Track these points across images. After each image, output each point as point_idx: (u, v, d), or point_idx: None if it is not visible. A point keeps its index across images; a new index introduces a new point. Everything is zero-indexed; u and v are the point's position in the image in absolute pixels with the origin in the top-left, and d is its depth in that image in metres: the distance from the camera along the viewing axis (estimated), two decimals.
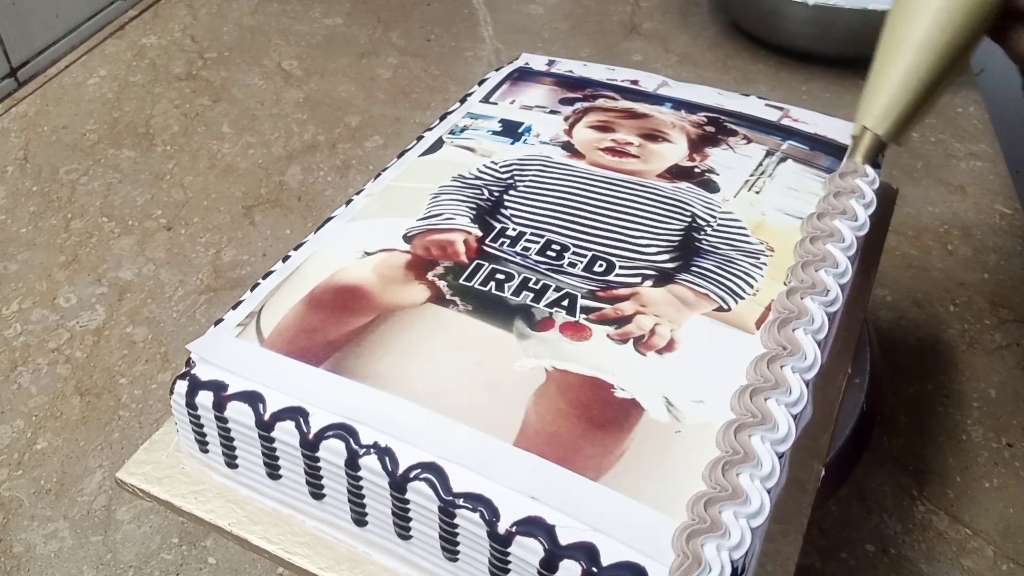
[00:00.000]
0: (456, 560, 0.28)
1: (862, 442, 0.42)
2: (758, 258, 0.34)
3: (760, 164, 0.39)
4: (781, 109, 0.43)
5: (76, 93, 0.81)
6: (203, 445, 0.32)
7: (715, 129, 0.41)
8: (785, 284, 0.33)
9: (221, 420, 0.30)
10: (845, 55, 0.82)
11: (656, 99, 0.43)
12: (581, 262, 0.34)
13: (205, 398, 0.30)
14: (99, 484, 0.48)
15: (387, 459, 0.27)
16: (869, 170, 0.38)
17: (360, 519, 0.29)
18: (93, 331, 0.57)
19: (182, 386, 0.31)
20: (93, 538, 0.45)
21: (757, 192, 0.38)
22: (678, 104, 0.43)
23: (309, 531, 0.30)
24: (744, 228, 0.36)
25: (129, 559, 0.44)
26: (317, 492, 0.30)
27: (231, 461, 0.31)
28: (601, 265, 0.34)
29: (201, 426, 0.31)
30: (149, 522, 0.46)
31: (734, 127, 0.42)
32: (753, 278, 0.33)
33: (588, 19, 0.93)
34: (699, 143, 0.40)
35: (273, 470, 0.30)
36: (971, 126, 0.76)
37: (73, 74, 0.84)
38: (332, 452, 0.28)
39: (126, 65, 0.85)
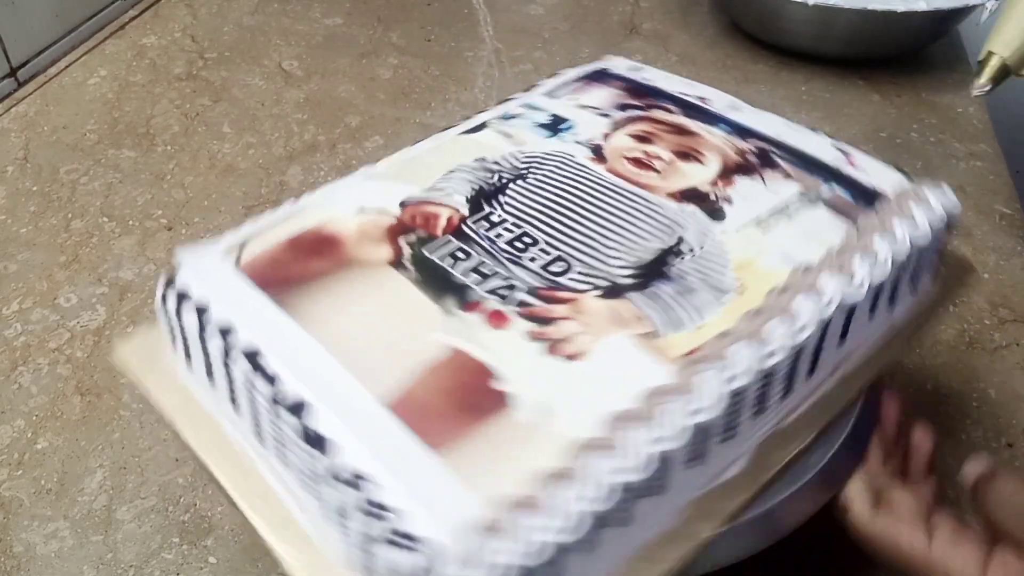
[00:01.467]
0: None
1: (861, 444, 0.41)
2: (723, 295, 0.32)
3: (784, 202, 0.37)
4: (846, 154, 0.40)
5: (76, 93, 0.81)
6: (172, 341, 0.34)
7: (758, 160, 0.39)
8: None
9: (179, 322, 0.33)
10: (845, 55, 0.82)
11: (714, 119, 0.42)
12: (543, 259, 0.34)
13: (171, 300, 0.33)
14: (99, 484, 0.48)
15: (272, 384, 0.29)
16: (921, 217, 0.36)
17: (259, 436, 0.31)
18: (94, 331, 0.57)
19: (160, 284, 0.34)
20: (93, 538, 0.45)
21: (764, 230, 0.36)
22: (734, 128, 0.41)
23: (226, 436, 0.33)
24: (724, 262, 0.34)
25: (129, 559, 0.44)
26: (236, 405, 0.32)
27: (187, 362, 0.34)
28: (560, 266, 0.33)
29: (169, 323, 0.34)
30: (150, 522, 0.46)
31: (780, 160, 0.39)
32: (705, 313, 0.32)
33: (588, 19, 0.93)
34: (732, 170, 0.39)
35: (210, 376, 0.33)
36: (971, 126, 0.76)
37: (73, 74, 0.84)
38: (241, 369, 0.30)
39: (126, 65, 0.85)
